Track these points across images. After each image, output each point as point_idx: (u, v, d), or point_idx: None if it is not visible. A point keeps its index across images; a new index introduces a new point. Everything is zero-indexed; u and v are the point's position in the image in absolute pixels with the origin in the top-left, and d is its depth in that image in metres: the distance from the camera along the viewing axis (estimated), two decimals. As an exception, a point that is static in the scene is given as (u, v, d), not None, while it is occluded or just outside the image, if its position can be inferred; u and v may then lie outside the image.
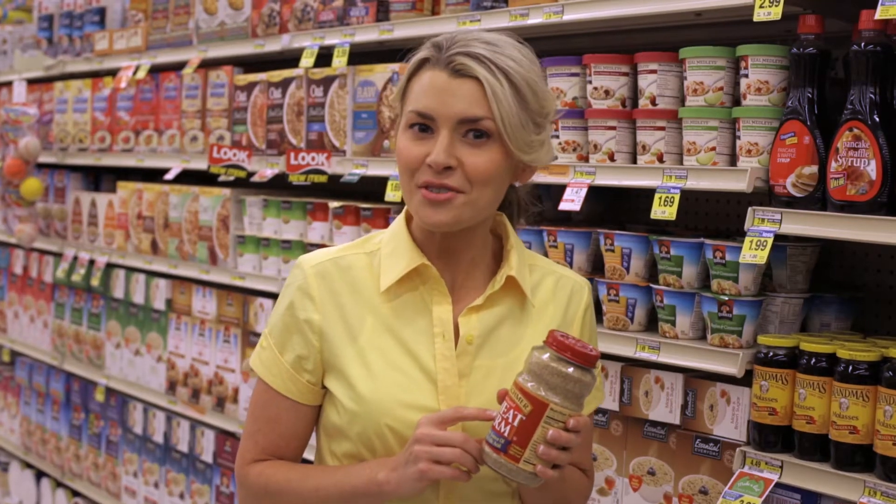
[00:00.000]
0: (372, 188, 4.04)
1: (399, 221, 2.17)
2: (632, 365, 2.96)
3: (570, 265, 3.11)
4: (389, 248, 2.13)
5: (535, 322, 2.15)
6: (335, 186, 4.12)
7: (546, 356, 1.95)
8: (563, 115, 3.10)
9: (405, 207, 2.16)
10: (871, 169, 2.41)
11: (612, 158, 3.01)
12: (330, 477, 2.10)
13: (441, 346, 2.08)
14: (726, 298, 2.74)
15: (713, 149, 2.78)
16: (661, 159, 2.90)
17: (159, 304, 4.87)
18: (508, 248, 2.15)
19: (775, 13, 2.53)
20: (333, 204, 3.87)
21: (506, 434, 1.94)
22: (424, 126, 2.03)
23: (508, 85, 2.00)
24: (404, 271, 2.09)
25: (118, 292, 5.18)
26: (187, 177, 4.84)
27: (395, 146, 2.09)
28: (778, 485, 2.56)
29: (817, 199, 2.54)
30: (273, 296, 4.16)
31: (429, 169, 2.01)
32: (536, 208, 2.30)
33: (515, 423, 1.93)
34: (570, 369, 1.94)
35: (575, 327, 2.20)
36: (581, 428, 1.95)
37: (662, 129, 2.90)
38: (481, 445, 1.98)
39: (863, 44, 2.46)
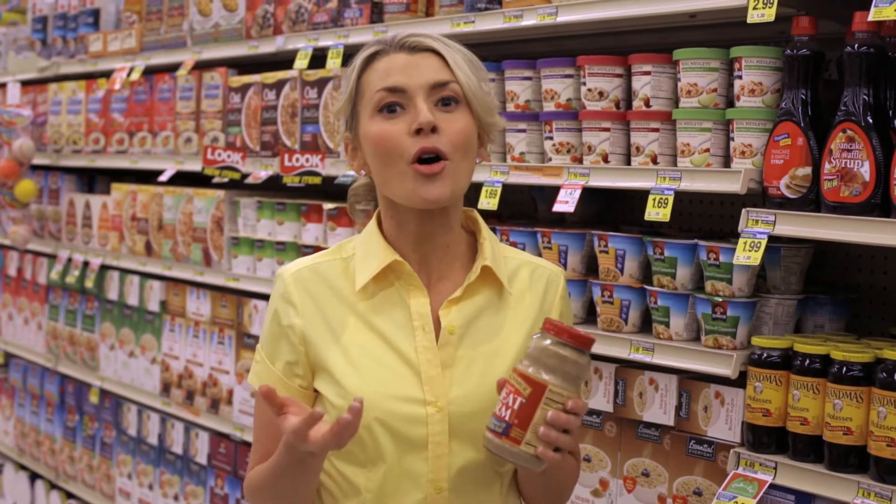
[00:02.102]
0: (366, 190, 4.03)
1: (371, 226, 2.21)
2: (626, 366, 2.96)
3: (565, 267, 3.11)
4: (363, 251, 2.19)
5: (513, 310, 2.20)
6: (329, 188, 4.11)
7: (545, 341, 2.00)
8: (557, 117, 3.10)
9: (376, 212, 2.22)
10: (865, 170, 2.41)
11: (606, 160, 3.01)
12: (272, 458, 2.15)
13: (422, 339, 2.13)
14: (720, 300, 2.75)
15: (707, 150, 2.79)
16: (654, 161, 2.90)
17: (153, 306, 4.87)
18: (482, 240, 2.21)
19: (769, 15, 2.53)
20: (328, 205, 3.87)
21: (506, 418, 1.99)
22: (393, 106, 2.09)
23: (460, 55, 2.13)
24: (378, 268, 2.14)
25: (112, 294, 5.18)
26: (181, 178, 4.84)
27: (366, 141, 2.13)
28: (772, 486, 2.56)
29: (811, 200, 2.54)
30: (267, 297, 4.14)
31: (416, 136, 2.06)
32: None
33: (516, 407, 1.98)
34: (567, 350, 1.99)
35: (553, 315, 2.24)
36: (580, 410, 2.00)
37: (656, 130, 2.90)
38: (484, 433, 2.03)
39: (856, 45, 2.46)
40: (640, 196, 2.92)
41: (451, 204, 2.14)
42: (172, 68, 4.78)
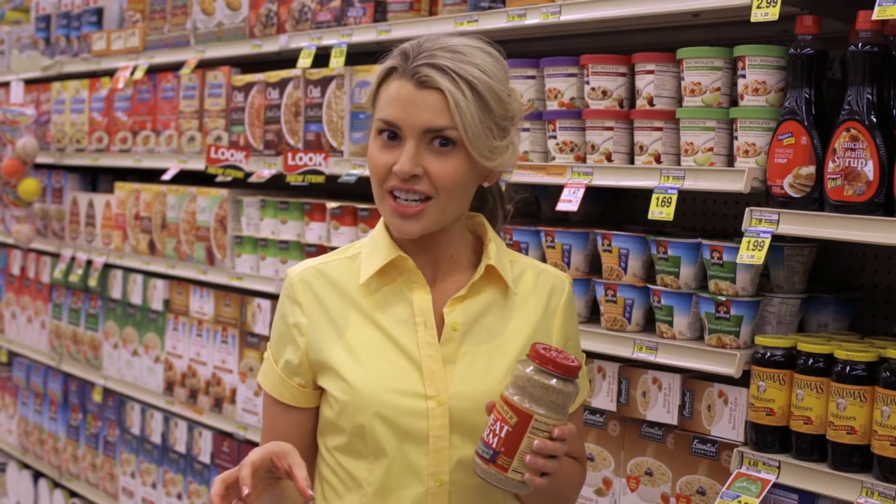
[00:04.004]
0: (369, 189, 4.03)
1: (379, 225, 2.25)
2: (629, 365, 2.96)
3: (568, 266, 3.11)
4: (369, 248, 2.23)
5: (518, 311, 2.22)
6: (333, 187, 4.11)
7: (529, 369, 2.01)
8: (560, 116, 3.10)
9: None
10: (869, 169, 2.41)
11: (609, 159, 3.01)
12: None
13: (423, 334, 2.16)
14: (724, 299, 2.74)
15: (710, 149, 2.78)
16: (658, 160, 2.90)
17: (157, 305, 4.87)
18: (487, 242, 2.23)
19: (773, 14, 2.53)
20: (331, 204, 3.87)
21: (494, 445, 2.01)
22: (393, 134, 2.11)
23: (472, 94, 2.06)
24: (381, 263, 2.18)
25: (116, 293, 5.18)
26: (185, 177, 4.84)
27: (368, 150, 2.18)
28: (775, 485, 2.56)
29: (814, 199, 2.54)
30: (270, 296, 4.16)
31: (396, 176, 2.10)
32: (519, 195, 2.39)
33: (502, 435, 2.00)
34: (553, 381, 2.00)
35: (557, 319, 2.26)
36: (566, 436, 2.02)
37: (660, 129, 2.90)
38: (473, 457, 2.06)
39: (860, 44, 2.46)
40: (644, 195, 2.91)
41: (443, 227, 2.16)
42: (176, 67, 4.79)
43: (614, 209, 3.55)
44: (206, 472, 4.55)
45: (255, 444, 4.23)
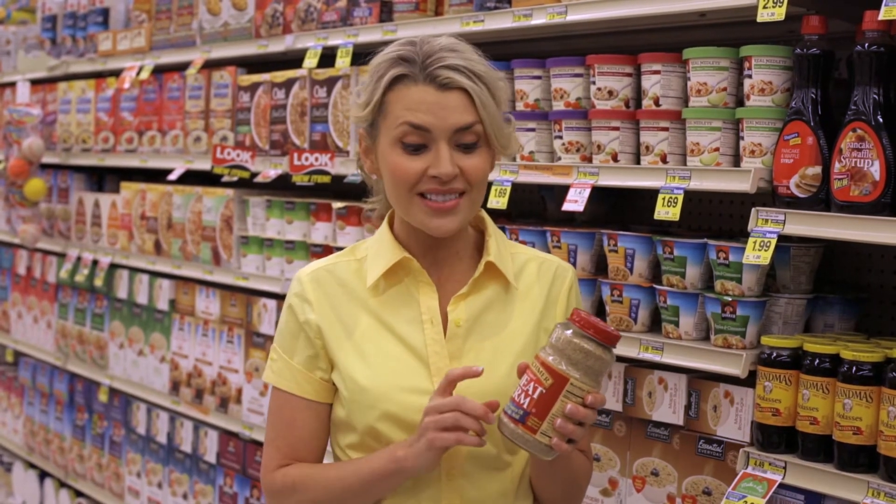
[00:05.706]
0: (375, 189, 4.03)
1: (383, 227, 2.29)
2: (635, 366, 2.96)
3: (574, 266, 3.10)
4: (375, 251, 2.26)
5: (520, 303, 2.26)
6: (338, 187, 4.12)
7: (569, 332, 2.02)
8: (566, 116, 3.10)
9: (388, 213, 2.30)
10: (875, 170, 2.41)
11: (615, 159, 3.01)
12: (350, 465, 2.20)
13: (430, 332, 2.20)
14: (730, 299, 2.74)
15: (717, 149, 2.78)
16: (664, 160, 2.90)
17: (163, 305, 4.87)
18: (487, 237, 2.27)
19: (779, 14, 2.53)
20: (337, 204, 3.87)
21: (525, 405, 2.01)
22: (416, 146, 2.13)
23: (486, 89, 2.14)
24: (388, 265, 2.22)
25: (122, 293, 5.18)
26: (191, 177, 4.84)
27: (384, 161, 2.18)
28: (781, 485, 2.56)
29: (821, 199, 2.54)
30: (276, 296, 4.16)
31: (433, 180, 2.12)
32: None
33: (535, 396, 2.00)
34: (592, 346, 2.01)
35: (560, 306, 2.30)
36: (598, 405, 2.04)
37: (666, 129, 2.90)
38: (496, 412, 2.06)
39: (866, 44, 2.46)
40: (650, 195, 2.91)
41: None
42: (182, 67, 4.79)
43: (620, 209, 3.55)
44: (212, 472, 4.56)
45: (260, 444, 4.24)
